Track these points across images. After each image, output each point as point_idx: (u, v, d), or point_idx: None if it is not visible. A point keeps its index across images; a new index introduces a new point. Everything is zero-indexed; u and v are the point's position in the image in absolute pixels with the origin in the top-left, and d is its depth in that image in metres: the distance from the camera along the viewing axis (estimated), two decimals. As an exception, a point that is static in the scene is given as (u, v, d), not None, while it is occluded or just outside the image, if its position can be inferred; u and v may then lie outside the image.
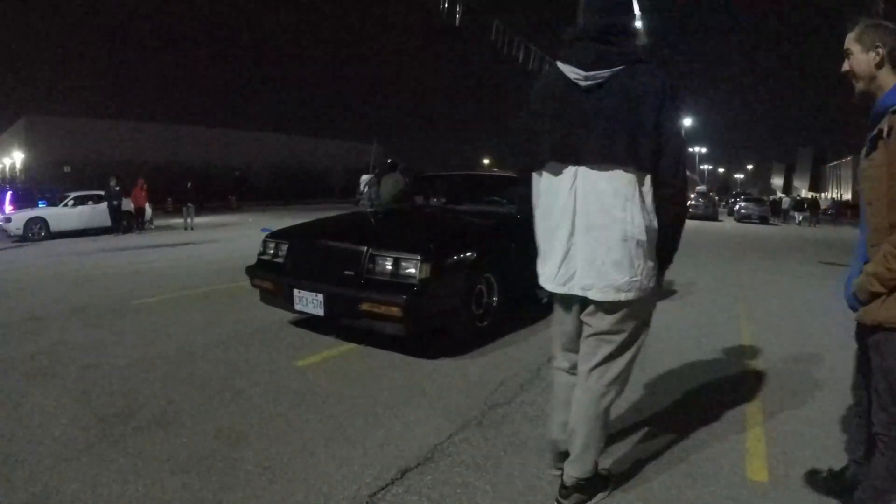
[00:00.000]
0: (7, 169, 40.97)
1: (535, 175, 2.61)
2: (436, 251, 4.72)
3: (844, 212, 33.74)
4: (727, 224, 29.56)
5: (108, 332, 5.45)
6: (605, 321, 2.48)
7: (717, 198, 42.23)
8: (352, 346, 5.07)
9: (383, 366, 4.59)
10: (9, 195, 17.46)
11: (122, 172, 20.92)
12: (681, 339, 5.47)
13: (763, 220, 31.07)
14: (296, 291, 5.04)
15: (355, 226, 6.11)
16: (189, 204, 19.41)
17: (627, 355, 2.62)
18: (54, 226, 16.27)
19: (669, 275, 8.94)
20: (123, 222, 17.79)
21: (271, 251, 5.56)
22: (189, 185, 19.91)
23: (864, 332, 2.16)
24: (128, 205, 18.27)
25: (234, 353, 4.84)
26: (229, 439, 3.23)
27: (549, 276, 2.58)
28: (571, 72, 2.32)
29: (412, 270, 4.57)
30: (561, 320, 2.71)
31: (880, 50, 2.11)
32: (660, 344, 5.29)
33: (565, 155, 2.38)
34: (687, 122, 62.86)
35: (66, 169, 14.15)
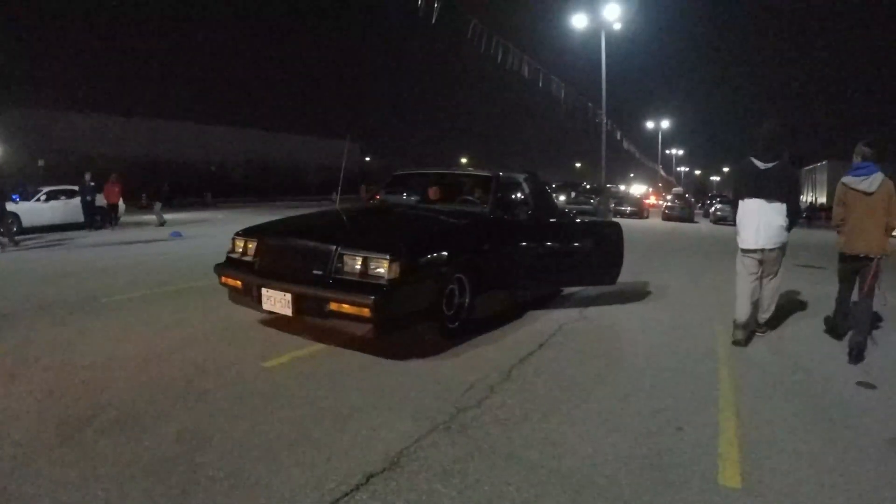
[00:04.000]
0: None
1: (741, 201, 5.46)
2: (406, 251, 4.64)
3: (819, 215, 34.15)
4: (703, 226, 29.86)
5: (75, 331, 5.32)
6: (772, 256, 5.37)
7: (693, 199, 42.60)
8: (320, 346, 4.96)
9: (352, 367, 4.50)
10: None
11: (97, 167, 20.49)
12: (654, 343, 5.46)
13: None
14: (264, 290, 4.92)
15: (325, 224, 6.00)
16: (156, 202, 19.24)
17: (781, 269, 5.55)
18: (26, 221, 15.80)
19: (643, 277, 9.08)
20: (97, 218, 17.46)
21: (240, 249, 5.42)
22: (166, 186, 19.62)
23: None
24: (101, 200, 17.89)
25: (201, 353, 4.73)
26: (192, 442, 3.14)
27: (749, 242, 5.38)
28: (758, 163, 5.31)
29: (381, 270, 4.48)
30: (751, 261, 5.46)
31: None
32: (632, 347, 5.28)
33: (755, 194, 5.32)
34: (665, 123, 63.74)
35: (41, 163, 13.77)
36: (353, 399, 3.85)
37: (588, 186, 39.12)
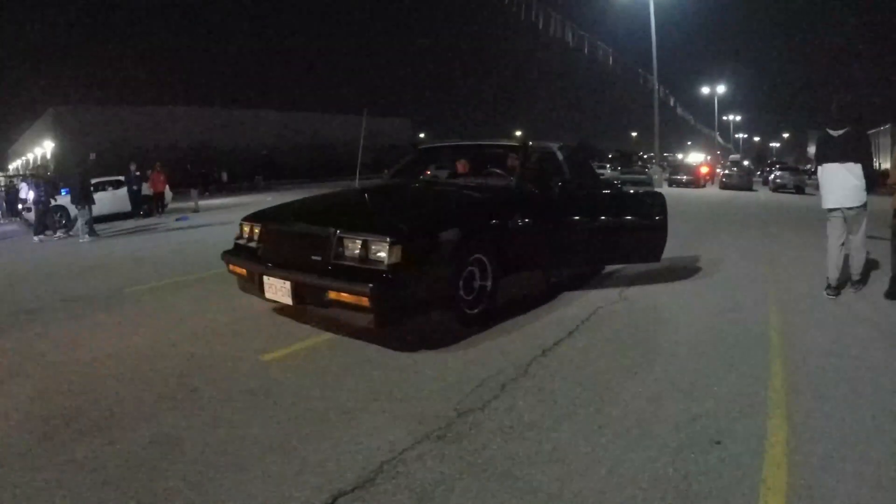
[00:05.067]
0: (39, 159, 41.64)
1: (820, 167, 5.77)
2: (409, 232, 4.16)
3: (882, 182, 31.91)
4: (761, 194, 27.95)
5: (89, 325, 5.21)
6: (852, 214, 5.59)
7: (752, 167, 40.37)
8: (328, 336, 4.59)
9: (354, 361, 4.09)
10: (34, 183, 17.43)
11: (150, 157, 20.78)
12: (699, 328, 4.78)
13: (799, 190, 29.48)
14: (265, 278, 4.58)
15: (330, 206, 5.55)
16: (192, 189, 19.45)
17: (864, 227, 5.69)
18: (74, 213, 16.22)
19: (694, 250, 8.26)
20: (144, 206, 17.77)
21: (246, 235, 5.08)
22: (189, 167, 19.85)
23: None
24: (147, 189, 18.20)
25: (203, 346, 4.49)
26: (164, 447, 2.90)
27: (830, 202, 5.68)
28: (831, 132, 5.61)
29: (382, 254, 4.01)
30: (836, 220, 5.74)
31: None
32: (673, 334, 4.63)
33: (831, 160, 5.60)
34: (721, 88, 60.78)
35: (92, 156, 13.95)
36: (347, 399, 3.45)
37: (644, 156, 37.79)
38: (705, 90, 61.27)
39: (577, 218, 5.85)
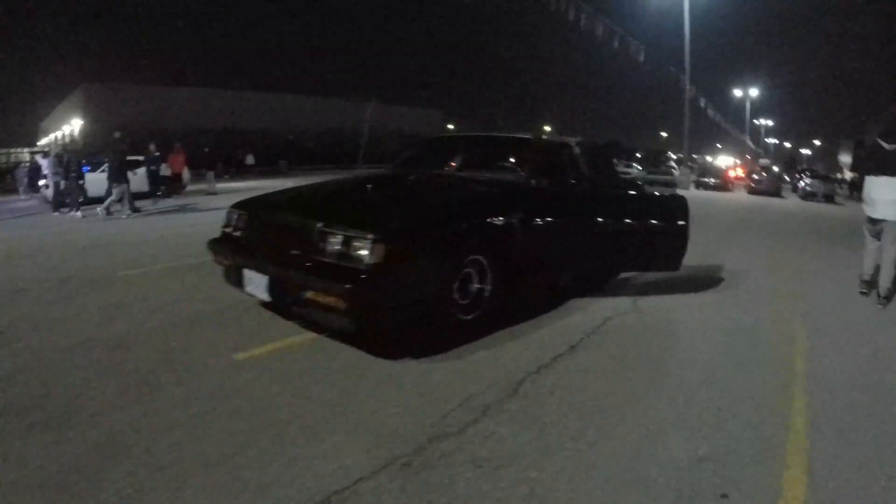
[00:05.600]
0: (66, 136, 42.07)
1: (868, 177, 5.89)
2: (396, 229, 3.78)
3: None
4: (790, 202, 26.95)
5: (74, 308, 5.03)
6: (891, 226, 5.66)
7: (781, 173, 39.09)
8: (310, 336, 4.26)
9: (332, 366, 3.75)
10: (54, 161, 17.41)
11: (175, 138, 20.67)
12: (715, 347, 4.33)
13: (828, 199, 28.43)
14: (245, 271, 4.27)
15: (322, 196, 5.17)
16: (207, 170, 19.28)
17: None
18: (92, 191, 16.15)
19: (717, 259, 7.70)
20: (162, 187, 17.69)
21: (233, 224, 4.75)
22: (206, 149, 19.71)
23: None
24: (166, 170, 18.09)
25: (180, 338, 4.23)
26: (111, 451, 2.69)
27: (874, 212, 5.80)
28: (884, 144, 5.68)
29: (363, 252, 3.63)
30: (872, 228, 5.98)
31: None
32: (687, 353, 4.18)
33: (882, 172, 5.68)
34: (753, 91, 59.23)
35: (116, 135, 13.87)
36: (313, 410, 3.12)
37: (674, 157, 36.91)
38: (738, 93, 59.86)
39: (591, 219, 5.40)
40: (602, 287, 6.04)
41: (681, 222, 5.64)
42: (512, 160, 5.74)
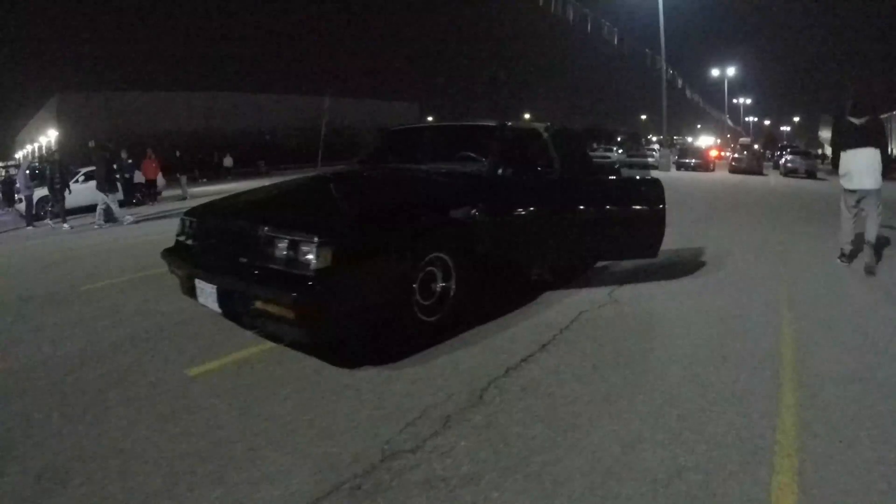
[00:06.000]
0: (42, 147, 41.33)
1: (843, 152, 6.21)
2: (344, 230, 3.48)
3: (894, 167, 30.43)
4: (772, 179, 26.79)
5: (32, 327, 4.80)
6: (871, 195, 6.11)
7: (762, 151, 39.07)
8: (266, 346, 3.96)
9: (286, 378, 3.46)
10: (26, 174, 16.92)
11: (149, 144, 20.22)
12: (698, 338, 4.06)
13: (810, 175, 28.41)
14: (197, 281, 3.96)
15: (274, 197, 4.83)
16: (180, 174, 18.91)
17: (880, 208, 6.17)
18: (67, 202, 15.88)
19: (699, 241, 7.45)
20: (136, 194, 17.30)
21: (186, 232, 4.44)
22: (177, 153, 19.30)
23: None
24: (140, 177, 17.71)
25: (135, 354, 4.00)
26: (50, 483, 2.48)
27: (852, 184, 6.17)
28: (854, 120, 6.13)
29: (309, 257, 3.32)
30: (851, 198, 6.33)
31: None
32: (667, 349, 3.89)
33: (854, 145, 6.09)
34: (731, 71, 59.26)
35: (91, 143, 13.50)
36: (262, 429, 2.86)
37: (654, 139, 36.79)
38: (715, 72, 59.82)
39: (562, 208, 5.11)
40: (578, 278, 5.75)
41: (657, 206, 5.37)
42: (477, 149, 5.42)
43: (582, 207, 5.20)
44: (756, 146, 38.81)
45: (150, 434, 2.86)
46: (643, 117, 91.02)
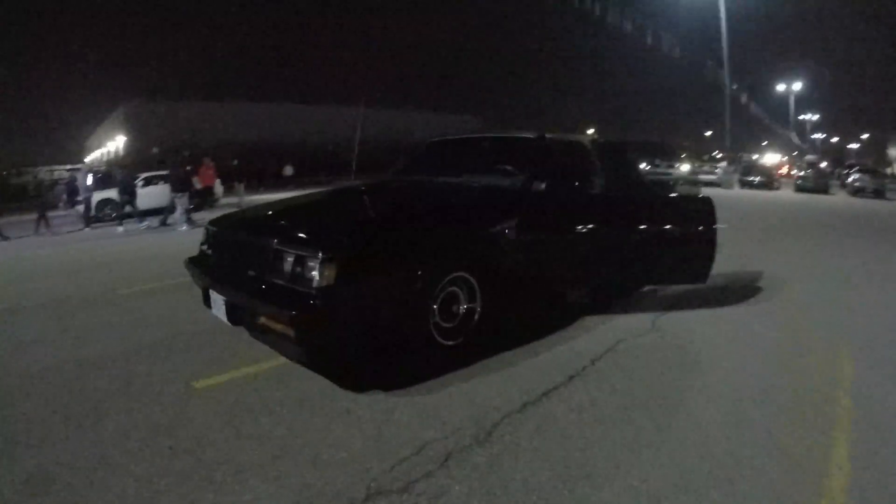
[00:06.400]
0: (109, 153, 43.34)
1: None
2: (351, 245, 3.26)
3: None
4: (839, 198, 25.24)
5: (58, 329, 4.87)
6: None
7: (829, 169, 36.99)
8: (278, 362, 3.80)
9: (288, 398, 3.28)
10: (89, 178, 17.53)
11: (211, 153, 20.83)
12: (743, 377, 3.63)
13: (878, 195, 26.61)
14: (211, 292, 3.87)
15: (292, 209, 4.68)
16: (237, 182, 19.22)
17: None
18: (127, 207, 16.40)
19: (756, 264, 6.93)
20: (195, 200, 17.75)
21: (209, 241, 4.40)
22: (235, 162, 19.75)
23: None
24: (198, 184, 18.16)
25: (146, 362, 3.95)
26: (36, 489, 2.47)
27: None
28: None
29: (314, 273, 3.13)
30: None
31: None
32: (709, 387, 3.48)
33: None
34: (797, 86, 56.71)
35: (154, 150, 14.03)
36: (250, 452, 2.73)
37: (719, 155, 35.57)
38: (781, 87, 57.37)
39: (603, 226, 4.75)
40: (620, 303, 5.35)
41: (708, 227, 4.94)
42: (515, 162, 5.12)
43: (625, 226, 4.84)
44: (823, 164, 36.76)
45: (140, 447, 2.79)
46: (708, 133, 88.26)
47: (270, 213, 4.52)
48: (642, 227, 4.89)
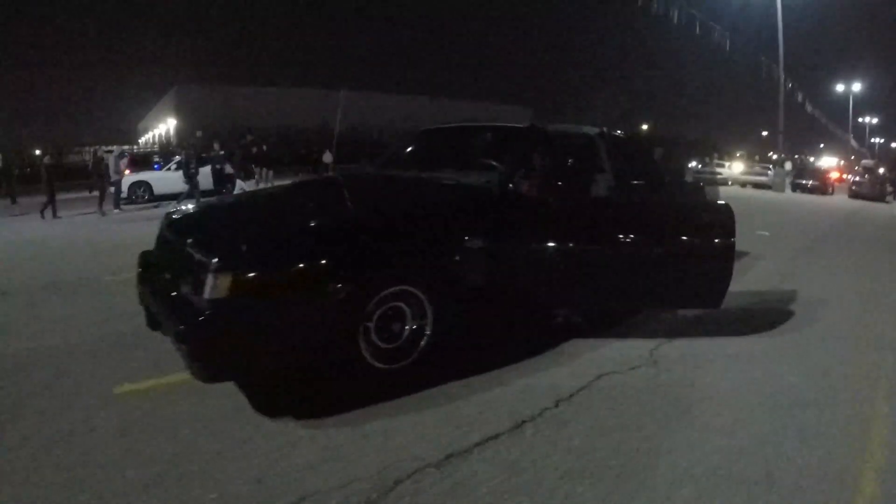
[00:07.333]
0: (162, 135, 44.02)
1: None
2: (250, 252, 2.71)
3: None
4: (895, 207, 23.28)
5: (29, 316, 4.72)
6: None
7: (887, 175, 34.28)
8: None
9: (200, 414, 2.91)
10: (125, 160, 17.57)
11: (259, 137, 20.77)
12: (745, 435, 2.86)
13: None
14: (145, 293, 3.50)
15: (233, 206, 4.16)
16: (266, 168, 18.93)
17: None
18: (157, 189, 16.40)
19: (793, 281, 5.85)
20: (227, 184, 17.67)
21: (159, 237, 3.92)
22: (264, 147, 19.51)
23: None
24: (230, 169, 18.08)
25: (82, 360, 3.67)
26: None
27: None
28: None
29: (206, 283, 2.64)
30: None
31: None
32: (695, 446, 2.75)
33: None
34: (856, 87, 53.33)
35: (198, 134, 13.86)
36: (151, 473, 2.38)
37: (774, 156, 33.90)
38: (840, 87, 53.99)
39: (599, 237, 3.98)
40: (620, 324, 4.55)
41: (724, 240, 4.10)
42: (504, 157, 4.39)
43: (624, 237, 4.04)
44: (881, 170, 34.09)
45: (35, 454, 2.55)
46: (764, 133, 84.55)
47: (209, 209, 4.00)
48: (645, 237, 4.09)
